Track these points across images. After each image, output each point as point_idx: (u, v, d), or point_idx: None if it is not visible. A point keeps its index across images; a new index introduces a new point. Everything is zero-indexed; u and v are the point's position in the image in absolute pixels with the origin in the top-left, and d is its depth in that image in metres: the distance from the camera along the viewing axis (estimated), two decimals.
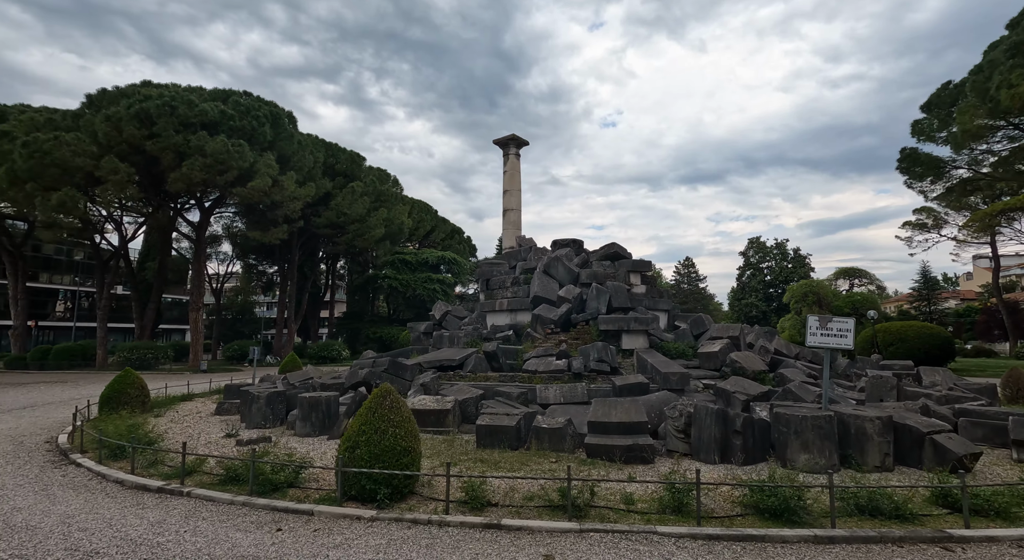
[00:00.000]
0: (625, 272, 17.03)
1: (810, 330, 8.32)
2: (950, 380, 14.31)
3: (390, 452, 5.95)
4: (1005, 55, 23.14)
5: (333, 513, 5.64)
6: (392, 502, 5.91)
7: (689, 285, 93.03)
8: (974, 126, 24.80)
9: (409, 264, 53.70)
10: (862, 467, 7.65)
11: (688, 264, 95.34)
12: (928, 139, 31.97)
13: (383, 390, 6.45)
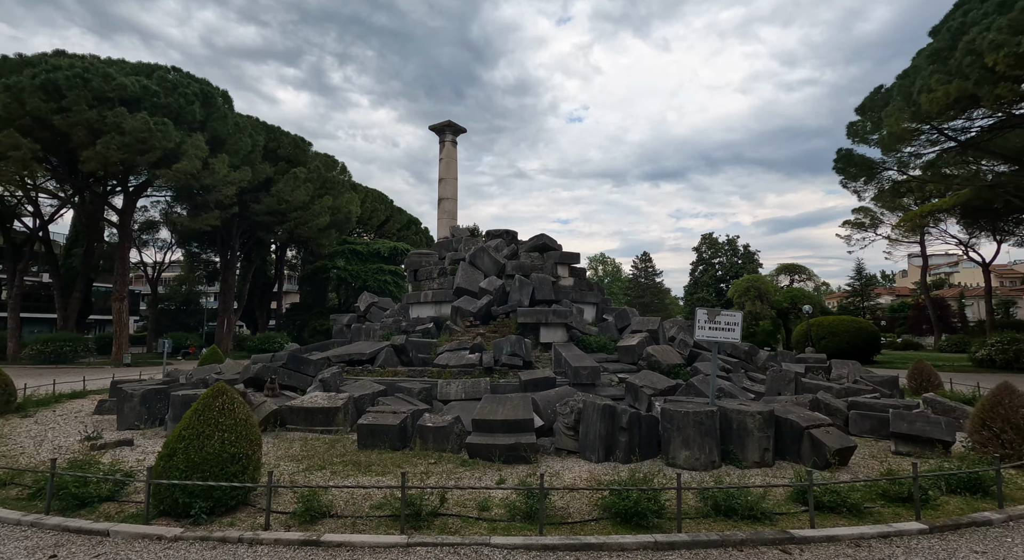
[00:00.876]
0: (553, 264, 16.74)
1: (698, 323, 8.16)
2: (857, 373, 14.71)
3: (214, 460, 5.33)
4: (927, 61, 24.06)
5: (133, 533, 4.99)
6: (213, 517, 5.30)
7: (646, 279, 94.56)
8: (900, 129, 25.73)
9: (360, 255, 52.17)
10: (742, 463, 7.55)
11: (645, 259, 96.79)
12: (862, 141, 33.09)
13: (216, 390, 5.81)
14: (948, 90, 21.38)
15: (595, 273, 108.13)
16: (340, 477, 6.88)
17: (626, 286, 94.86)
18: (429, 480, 6.74)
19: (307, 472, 7.07)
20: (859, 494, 5.88)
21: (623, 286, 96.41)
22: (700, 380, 10.61)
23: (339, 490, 6.03)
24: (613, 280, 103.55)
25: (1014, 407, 7.68)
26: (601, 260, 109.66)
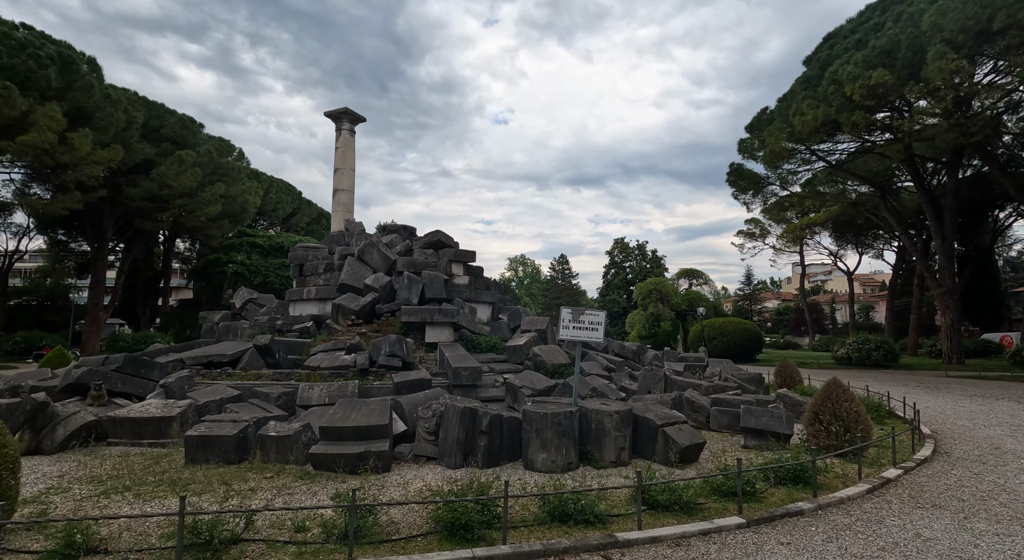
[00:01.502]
0: (447, 262, 16.26)
1: (562, 323, 8.08)
2: (729, 371, 15.74)
3: None
4: (800, 87, 26.66)
5: None
6: None
7: (563, 281, 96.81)
8: (779, 147, 28.21)
9: (261, 248, 48.36)
10: (599, 463, 7.53)
11: (563, 261, 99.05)
12: (751, 157, 36.01)
13: None
14: (816, 114, 23.67)
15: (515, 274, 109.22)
16: (144, 500, 5.90)
17: (544, 287, 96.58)
18: (254, 498, 5.97)
19: (102, 497, 6.00)
20: (692, 491, 5.98)
21: (542, 287, 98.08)
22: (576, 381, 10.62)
23: (125, 519, 5.09)
24: (533, 281, 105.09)
25: (839, 401, 8.36)
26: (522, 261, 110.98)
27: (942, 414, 12.99)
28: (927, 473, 7.52)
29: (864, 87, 20.92)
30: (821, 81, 24.21)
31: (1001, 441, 9.77)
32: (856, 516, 5.73)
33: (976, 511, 5.88)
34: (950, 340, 30.99)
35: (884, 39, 21.00)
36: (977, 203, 42.05)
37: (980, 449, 9.12)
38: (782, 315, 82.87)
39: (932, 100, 19.01)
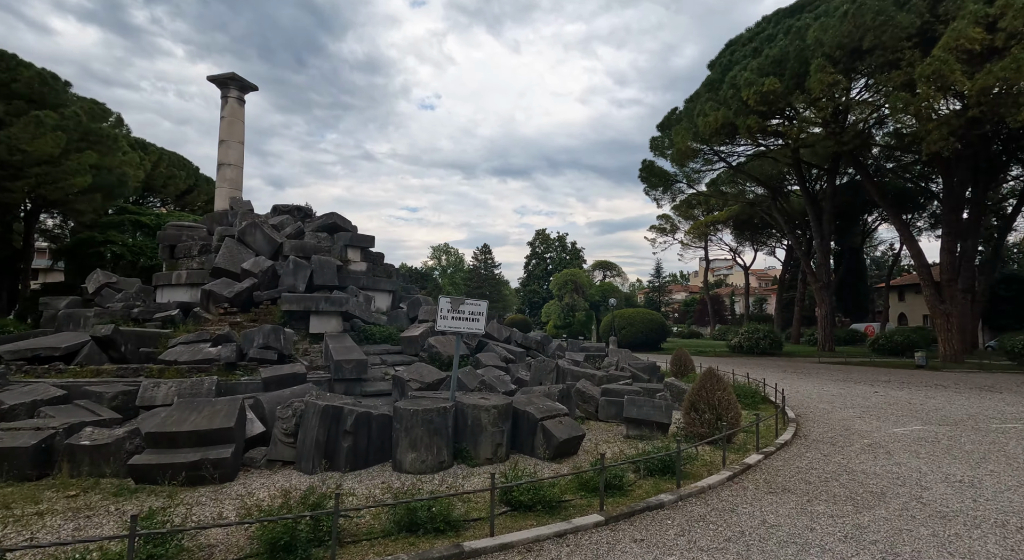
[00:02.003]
0: (342, 247, 15.15)
1: (440, 313, 7.58)
2: (626, 359, 16.19)
3: None
4: (705, 89, 28.07)
5: None
6: None
7: (486, 271, 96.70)
8: (685, 147, 29.57)
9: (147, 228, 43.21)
10: (474, 461, 7.15)
11: (485, 251, 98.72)
12: (661, 155, 37.56)
13: None
14: (717, 116, 24.91)
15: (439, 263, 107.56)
16: None
17: (467, 277, 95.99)
18: (38, 525, 4.89)
19: None
20: (557, 489, 5.75)
21: (464, 277, 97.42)
22: (466, 373, 10.21)
23: None
24: (456, 271, 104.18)
25: (713, 390, 8.63)
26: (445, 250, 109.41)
27: (808, 398, 14.15)
28: (784, 457, 7.93)
29: (758, 93, 22.30)
30: (722, 85, 25.55)
31: (852, 422, 10.70)
32: (713, 505, 5.79)
33: (818, 493, 6.19)
34: (824, 330, 34.50)
35: (776, 49, 22.49)
36: (850, 207, 47.09)
37: (833, 431, 9.90)
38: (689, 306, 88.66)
39: (814, 110, 20.68)
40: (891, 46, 18.43)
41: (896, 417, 11.27)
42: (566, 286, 44.57)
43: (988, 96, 16.41)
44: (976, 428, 10.16)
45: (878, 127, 33.43)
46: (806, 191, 36.62)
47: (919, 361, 23.85)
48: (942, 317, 25.26)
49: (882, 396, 14.52)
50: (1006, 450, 8.41)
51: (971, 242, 30.50)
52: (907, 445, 8.73)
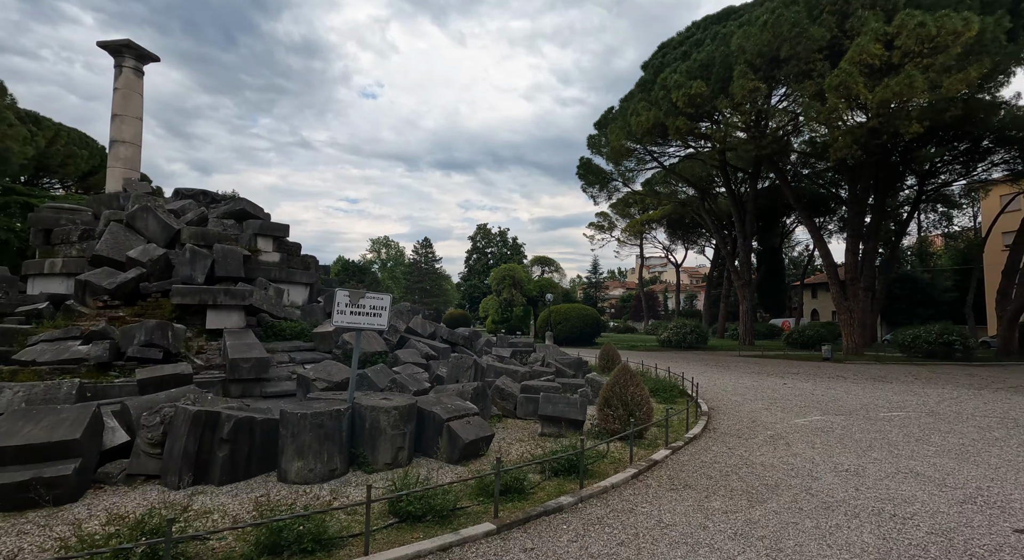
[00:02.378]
0: (252, 236, 14.00)
1: (337, 307, 6.98)
2: (553, 355, 16.14)
3: None
4: (639, 89, 28.71)
5: None
6: None
7: (426, 265, 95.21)
8: (619, 145, 30.12)
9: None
10: (371, 466, 6.64)
11: (426, 244, 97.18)
12: (598, 152, 38.18)
13: None
14: (648, 116, 25.47)
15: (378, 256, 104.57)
16: None
17: (407, 271, 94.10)
18: None
19: None
20: (451, 496, 5.37)
21: (405, 271, 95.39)
22: (377, 371, 9.62)
23: None
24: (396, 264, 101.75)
25: (626, 386, 8.59)
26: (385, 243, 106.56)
27: (723, 391, 14.69)
28: (691, 451, 8.01)
29: (686, 95, 23.00)
30: (654, 86, 26.18)
31: (759, 415, 11.12)
32: (613, 506, 5.64)
33: (717, 488, 6.21)
34: (745, 325, 36.49)
35: (703, 54, 23.26)
36: (771, 210, 50.16)
37: (741, 423, 10.21)
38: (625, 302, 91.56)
39: (737, 114, 21.60)
40: (805, 57, 19.50)
41: (799, 408, 11.86)
42: (504, 281, 44.44)
43: (886, 108, 17.75)
44: (867, 417, 10.85)
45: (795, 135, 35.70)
46: (731, 193, 38.49)
47: (825, 354, 25.67)
48: (846, 313, 27.33)
49: (790, 388, 15.34)
50: (889, 438, 8.98)
51: (872, 244, 33.29)
52: (805, 436, 9.12)
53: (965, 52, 17.19)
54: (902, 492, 6.09)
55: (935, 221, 53.50)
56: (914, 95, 16.87)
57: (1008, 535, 4.91)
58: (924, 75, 16.87)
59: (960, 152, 35.58)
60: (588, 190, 41.82)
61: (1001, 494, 6.06)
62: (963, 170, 37.86)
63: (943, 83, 16.88)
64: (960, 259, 52.73)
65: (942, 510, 5.51)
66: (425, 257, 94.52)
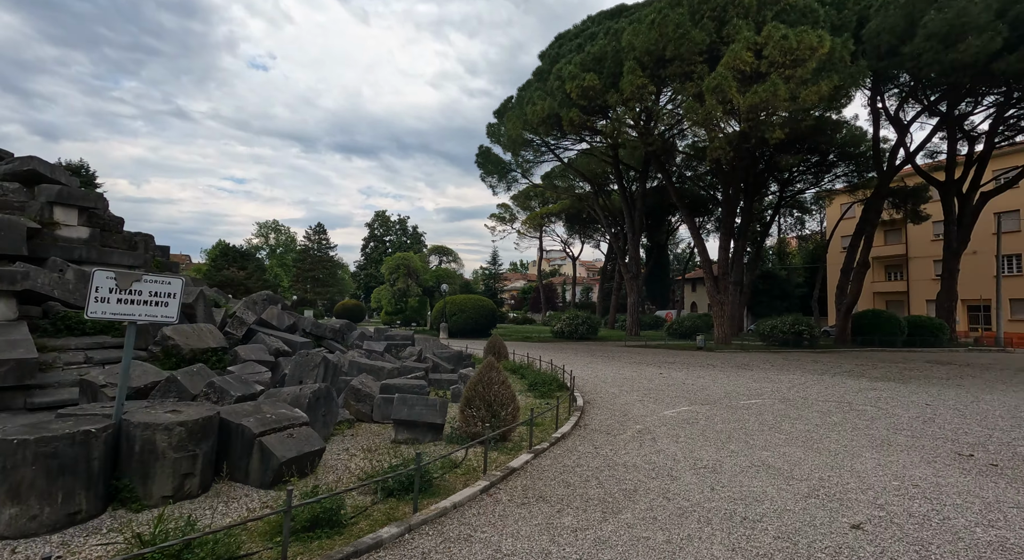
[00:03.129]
0: (44, 204, 11.11)
1: (96, 293, 5.22)
2: (433, 348, 15.10)
3: None
4: (536, 78, 28.42)
5: None
6: None
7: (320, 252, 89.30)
8: (516, 134, 29.63)
9: None
10: (144, 502, 5.07)
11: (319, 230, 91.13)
12: (497, 141, 37.51)
13: None
14: (544, 106, 25.14)
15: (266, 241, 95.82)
16: None
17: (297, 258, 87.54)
18: None
19: None
20: (232, 542, 4.07)
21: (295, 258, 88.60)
22: (191, 373, 7.82)
23: None
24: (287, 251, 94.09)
25: (490, 384, 7.78)
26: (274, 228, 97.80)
27: (603, 382, 14.65)
28: (555, 454, 7.40)
29: (579, 87, 22.96)
30: (550, 76, 25.93)
31: (632, 407, 10.99)
32: (447, 534, 4.71)
33: (572, 499, 5.57)
34: (632, 316, 38.23)
35: (596, 47, 23.38)
36: (659, 208, 53.32)
37: (613, 417, 9.94)
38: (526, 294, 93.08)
39: (626, 109, 21.99)
40: (687, 58, 20.23)
41: (670, 399, 11.98)
42: (398, 270, 42.37)
43: (756, 113, 18.97)
44: (729, 406, 11.18)
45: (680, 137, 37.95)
46: (623, 190, 39.98)
47: (700, 343, 27.45)
48: (718, 305, 29.50)
49: (665, 378, 15.76)
50: (747, 427, 9.15)
51: (741, 243, 36.45)
52: (672, 428, 9.00)
53: (819, 68, 18.84)
54: (754, 489, 5.91)
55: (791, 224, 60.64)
56: (777, 102, 18.16)
57: (846, 533, 4.77)
58: (786, 85, 18.19)
59: (812, 164, 40.27)
60: (487, 179, 41.12)
61: (839, 484, 6.11)
62: (814, 180, 42.98)
63: (801, 94, 18.34)
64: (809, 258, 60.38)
65: (789, 508, 5.33)
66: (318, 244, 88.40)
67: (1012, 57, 18.32)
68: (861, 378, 16.27)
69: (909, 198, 37.02)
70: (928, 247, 44.90)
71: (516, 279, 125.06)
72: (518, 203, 68.58)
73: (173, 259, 73.96)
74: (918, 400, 12.20)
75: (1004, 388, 14.52)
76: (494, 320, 39.87)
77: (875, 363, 21.18)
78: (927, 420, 9.87)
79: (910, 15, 19.16)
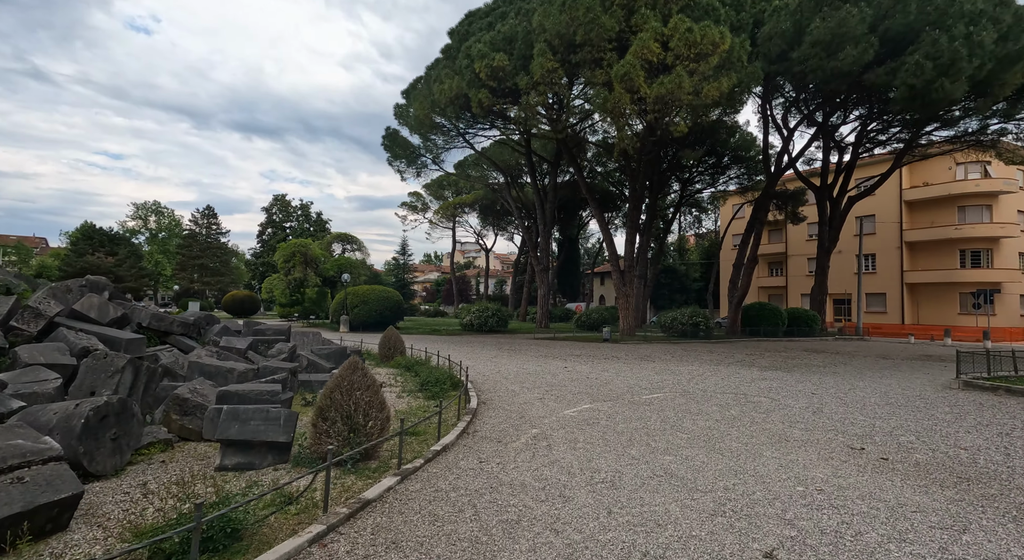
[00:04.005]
0: None
1: None
2: (313, 343, 13.15)
3: None
4: (444, 56, 26.74)
5: None
6: None
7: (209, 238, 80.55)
8: (424, 115, 27.74)
9: None
10: None
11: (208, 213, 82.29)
12: (406, 124, 35.20)
13: None
14: (452, 85, 23.56)
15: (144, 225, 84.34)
16: None
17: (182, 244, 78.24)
18: None
19: None
20: None
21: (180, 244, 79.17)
22: None
23: None
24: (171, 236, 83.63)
25: (352, 389, 6.27)
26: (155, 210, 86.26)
27: (505, 378, 13.62)
28: (430, 473, 6.09)
29: (488, 67, 21.71)
30: (459, 54, 24.41)
31: (531, 407, 10.00)
32: None
33: (435, 543, 4.29)
34: (542, 309, 38.00)
35: (507, 27, 22.26)
36: (571, 203, 53.89)
37: (508, 420, 8.85)
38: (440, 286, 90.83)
39: (536, 93, 21.12)
40: (597, 45, 19.74)
41: (572, 396, 11.19)
42: (294, 258, 38.59)
43: (662, 104, 18.94)
44: (631, 402, 10.59)
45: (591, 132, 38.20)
46: (535, 181, 39.53)
47: (605, 335, 27.61)
48: (623, 298, 29.93)
49: (569, 372, 15.09)
50: (648, 426, 8.49)
51: (646, 238, 37.57)
52: (570, 431, 8.08)
53: (720, 65, 19.20)
54: (656, 508, 5.03)
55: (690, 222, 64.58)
56: (682, 95, 18.21)
57: None
58: (691, 78, 18.27)
59: (709, 165, 42.66)
60: (394, 164, 38.56)
61: (745, 494, 5.44)
62: (711, 180, 45.63)
63: (704, 89, 18.54)
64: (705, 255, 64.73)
65: (695, 533, 4.48)
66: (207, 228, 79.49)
67: (880, 69, 19.96)
68: (752, 368, 16.80)
69: (790, 200, 40.38)
70: (803, 246, 49.69)
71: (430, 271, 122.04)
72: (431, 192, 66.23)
73: (24, 242, 65.74)
74: (804, 389, 12.53)
75: (872, 375, 15.62)
76: (401, 312, 37.63)
77: (762, 352, 22.38)
78: (816, 411, 9.92)
79: (799, 22, 20.18)
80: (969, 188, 41.14)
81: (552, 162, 40.15)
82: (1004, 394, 12.07)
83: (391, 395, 10.50)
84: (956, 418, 9.50)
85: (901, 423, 8.98)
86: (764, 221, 32.97)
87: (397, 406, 9.61)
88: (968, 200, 41.80)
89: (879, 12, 19.35)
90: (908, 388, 13.05)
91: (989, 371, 14.00)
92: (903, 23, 19.14)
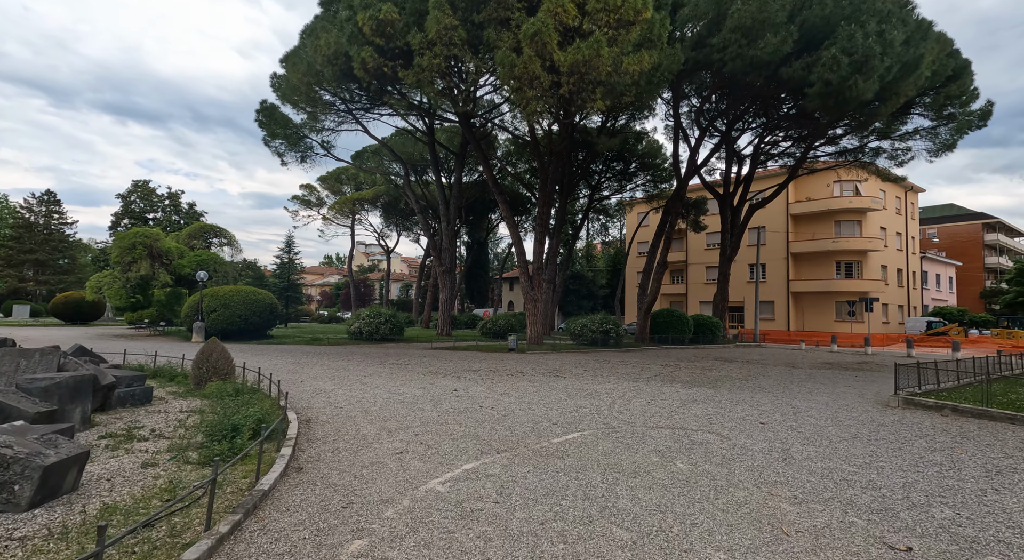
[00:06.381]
0: None
1: None
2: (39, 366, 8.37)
3: None
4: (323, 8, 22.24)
5: None
6: None
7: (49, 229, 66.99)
8: (299, 80, 22.96)
9: None
10: None
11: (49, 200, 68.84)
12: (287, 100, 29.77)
13: None
14: (330, 40, 19.26)
15: None
16: None
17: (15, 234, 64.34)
18: None
19: None
20: None
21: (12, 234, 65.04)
22: None
23: None
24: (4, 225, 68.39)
25: None
26: None
27: (366, 412, 9.72)
28: None
29: (374, 19, 17.76)
30: (340, 4, 20.16)
31: (380, 471, 6.31)
32: None
33: None
34: (443, 314, 34.25)
35: None
36: (480, 204, 50.84)
37: (325, 508, 5.10)
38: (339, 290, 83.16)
39: (431, 54, 17.53)
40: (504, 3, 16.66)
41: (452, 443, 7.66)
42: (135, 251, 31.16)
43: (577, 77, 16.28)
44: (538, 452, 7.31)
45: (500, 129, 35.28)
46: (438, 174, 35.86)
47: (511, 345, 24.55)
48: (531, 303, 27.16)
49: (459, 397, 11.58)
50: (564, 512, 5.20)
51: (555, 242, 35.37)
52: (428, 539, 4.54)
53: (640, 42, 17.02)
54: None
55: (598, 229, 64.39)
56: (600, 65, 15.68)
57: None
58: (610, 49, 15.79)
59: (617, 171, 41.90)
60: (272, 144, 32.73)
61: None
62: (618, 187, 44.97)
63: (624, 62, 16.17)
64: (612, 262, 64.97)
65: None
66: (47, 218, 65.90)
67: (797, 63, 19.12)
68: (675, 383, 14.50)
69: (693, 209, 40.56)
70: (703, 255, 50.99)
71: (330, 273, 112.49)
72: (327, 186, 59.76)
73: None
74: (747, 415, 10.15)
75: (798, 390, 13.91)
76: (274, 318, 31.71)
77: (676, 363, 20.58)
78: (784, 457, 7.32)
79: (719, 4, 18.73)
80: (844, 204, 44.29)
81: (459, 154, 36.74)
82: (951, 414, 10.58)
83: (137, 460, 6.26)
84: (954, 466, 7.38)
85: (908, 479, 6.58)
86: (675, 223, 32.13)
87: (138, 482, 5.46)
88: (843, 215, 45.04)
89: (798, 2, 18.48)
90: (850, 408, 11.25)
91: (920, 385, 12.76)
92: (820, 15, 18.40)
